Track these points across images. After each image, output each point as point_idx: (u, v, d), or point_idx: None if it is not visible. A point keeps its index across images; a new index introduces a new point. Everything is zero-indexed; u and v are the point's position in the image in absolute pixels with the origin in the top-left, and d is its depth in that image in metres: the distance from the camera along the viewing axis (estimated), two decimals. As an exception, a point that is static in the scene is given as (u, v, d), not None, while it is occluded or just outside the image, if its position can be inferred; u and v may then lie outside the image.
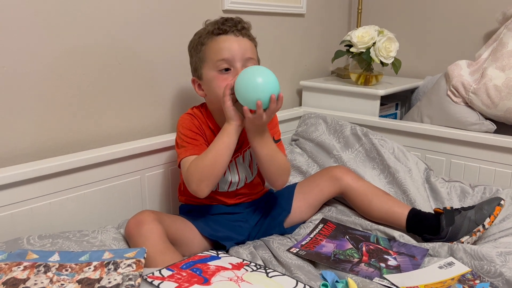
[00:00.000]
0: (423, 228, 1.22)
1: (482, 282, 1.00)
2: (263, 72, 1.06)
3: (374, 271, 1.06)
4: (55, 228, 1.13)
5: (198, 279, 0.86)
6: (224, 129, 1.11)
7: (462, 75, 1.62)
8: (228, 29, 1.15)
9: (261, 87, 1.04)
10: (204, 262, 0.95)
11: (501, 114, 1.56)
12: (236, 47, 1.13)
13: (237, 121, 1.09)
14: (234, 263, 0.96)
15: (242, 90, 1.05)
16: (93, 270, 0.88)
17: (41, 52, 1.15)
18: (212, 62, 1.14)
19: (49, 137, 1.21)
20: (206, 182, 1.08)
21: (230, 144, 1.10)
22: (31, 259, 0.91)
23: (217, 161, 1.09)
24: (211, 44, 1.15)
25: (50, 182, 1.13)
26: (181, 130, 1.18)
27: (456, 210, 1.21)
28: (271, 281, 0.90)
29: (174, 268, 0.91)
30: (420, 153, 1.62)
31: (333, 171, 1.34)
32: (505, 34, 1.61)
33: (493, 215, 1.17)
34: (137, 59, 1.36)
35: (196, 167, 1.09)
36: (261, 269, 0.96)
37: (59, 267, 0.89)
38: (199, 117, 1.21)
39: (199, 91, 1.22)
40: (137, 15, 1.34)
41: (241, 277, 0.89)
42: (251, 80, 1.05)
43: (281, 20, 1.84)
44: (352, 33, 1.77)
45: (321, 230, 1.26)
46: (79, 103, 1.25)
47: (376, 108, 1.76)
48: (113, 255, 0.94)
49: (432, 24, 2.03)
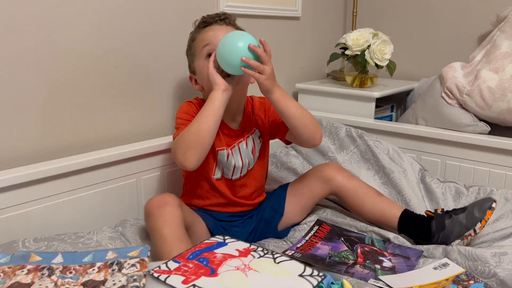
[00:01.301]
0: (414, 233, 1.22)
1: (477, 283, 1.00)
2: (234, 35, 1.08)
3: (369, 272, 1.06)
4: (51, 231, 1.13)
5: (205, 270, 0.86)
6: (209, 97, 1.10)
7: (456, 77, 1.63)
8: (212, 20, 1.19)
9: (239, 46, 1.05)
10: (211, 250, 0.94)
11: (495, 116, 1.57)
12: (220, 33, 1.14)
13: (222, 86, 1.09)
14: (241, 249, 0.95)
15: (225, 57, 1.06)
16: (97, 272, 0.87)
17: (38, 56, 1.16)
18: (200, 52, 1.18)
19: (45, 141, 1.21)
20: (191, 151, 1.05)
21: (216, 110, 1.08)
22: (34, 261, 0.90)
23: (201, 128, 1.06)
24: (198, 37, 1.20)
25: (46, 186, 1.13)
26: (178, 115, 1.20)
27: (447, 213, 1.20)
28: (279, 267, 0.89)
29: (181, 260, 0.90)
30: (415, 154, 1.63)
31: (324, 171, 1.32)
32: (498, 36, 1.63)
33: (484, 219, 1.16)
34: (133, 63, 1.36)
35: (181, 137, 1.08)
36: (269, 254, 0.94)
37: (63, 269, 0.88)
38: (197, 104, 1.23)
39: (196, 86, 1.25)
40: (133, 19, 1.34)
41: (248, 265, 0.88)
42: (227, 46, 1.06)
43: (277, 23, 1.84)
44: (347, 35, 1.78)
45: (316, 232, 1.26)
46: (75, 107, 1.26)
47: (371, 110, 1.76)
48: (117, 254, 0.92)
49: (426, 26, 2.04)
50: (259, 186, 1.32)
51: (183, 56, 1.28)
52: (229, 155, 1.22)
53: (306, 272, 0.87)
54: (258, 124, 1.27)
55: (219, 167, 1.23)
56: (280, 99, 1.11)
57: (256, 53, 1.05)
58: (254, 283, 0.83)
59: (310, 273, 0.87)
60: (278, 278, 0.86)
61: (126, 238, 1.15)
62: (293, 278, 0.86)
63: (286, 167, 1.58)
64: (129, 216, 1.28)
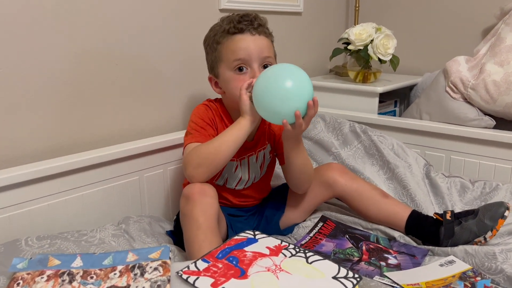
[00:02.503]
0: (422, 237, 1.19)
1: (483, 279, 0.99)
2: (291, 73, 1.00)
3: (375, 269, 1.05)
4: (54, 230, 1.12)
5: (234, 271, 0.83)
6: (237, 122, 1.08)
7: (460, 71, 1.62)
8: (244, 28, 1.12)
9: (293, 94, 0.98)
10: (241, 247, 0.91)
11: (500, 110, 1.55)
12: (252, 46, 1.11)
13: (252, 117, 1.06)
14: (271, 247, 0.91)
15: (267, 106, 0.99)
16: (119, 276, 0.84)
17: (40, 54, 1.15)
18: (229, 62, 1.12)
19: (48, 139, 1.20)
20: (204, 169, 1.05)
21: (239, 138, 1.06)
22: (53, 266, 0.87)
23: (221, 151, 1.05)
24: (227, 43, 1.13)
25: (49, 184, 1.12)
26: (193, 119, 1.17)
27: (457, 219, 1.15)
28: (311, 268, 0.85)
29: (210, 259, 0.87)
30: (420, 150, 1.62)
31: (326, 175, 1.27)
32: (503, 29, 1.61)
33: (496, 229, 1.10)
34: (134, 60, 1.35)
35: (198, 151, 1.06)
36: (301, 252, 0.90)
37: (84, 274, 0.85)
38: (214, 109, 1.20)
39: (216, 89, 1.20)
40: (134, 15, 1.33)
41: (279, 266, 0.85)
42: (278, 88, 0.98)
43: (278, 19, 1.83)
44: (350, 30, 1.76)
45: (321, 229, 1.25)
46: (77, 105, 1.25)
47: (375, 106, 1.75)
48: (137, 256, 0.90)
49: (430, 20, 2.03)
50: (263, 195, 1.31)
51: (185, 53, 1.27)
52: (237, 167, 1.20)
53: (341, 274, 0.83)
54: (271, 139, 1.25)
55: (223, 177, 1.21)
56: (295, 149, 1.13)
57: (309, 110, 1.01)
58: (285, 287, 0.80)
59: (344, 275, 0.82)
60: (310, 280, 0.82)
61: (130, 235, 1.14)
62: (327, 280, 0.81)
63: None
64: (132, 213, 1.28)
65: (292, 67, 1.03)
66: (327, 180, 1.26)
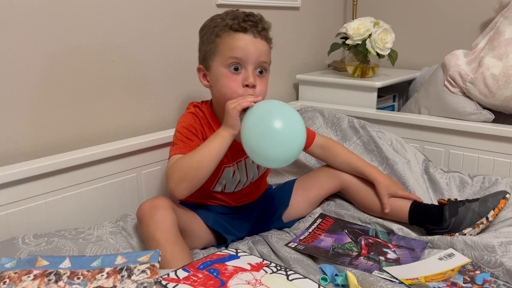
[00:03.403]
0: (426, 220, 1.20)
1: (483, 273, 0.99)
2: (285, 122, 0.96)
3: (374, 264, 1.05)
4: (52, 227, 1.12)
5: (214, 281, 0.83)
6: (218, 134, 1.04)
7: (459, 65, 1.61)
8: (248, 28, 1.09)
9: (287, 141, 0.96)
10: (222, 262, 0.91)
11: (499, 103, 1.55)
12: (252, 48, 1.08)
13: (236, 131, 1.03)
14: (253, 263, 0.92)
15: (260, 151, 0.96)
16: (106, 278, 0.84)
17: (35, 51, 1.14)
18: (224, 57, 1.09)
19: (44, 136, 1.20)
20: (186, 184, 1.03)
21: (221, 151, 1.03)
22: (41, 266, 0.87)
23: (202, 165, 1.02)
24: (227, 38, 1.09)
25: (46, 182, 1.12)
26: (178, 128, 1.15)
27: (461, 201, 1.19)
28: (291, 285, 0.85)
29: (190, 269, 0.88)
30: (418, 144, 1.61)
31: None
32: (501, 22, 1.60)
33: (498, 208, 1.15)
34: (131, 56, 1.35)
35: (179, 165, 1.04)
36: (282, 270, 0.91)
37: (71, 274, 0.85)
38: (201, 117, 1.17)
39: (204, 81, 1.17)
40: (130, 11, 1.32)
41: (260, 280, 0.85)
42: (273, 145, 0.95)
43: (276, 14, 1.82)
44: (348, 25, 1.76)
45: (320, 225, 1.25)
46: (74, 102, 1.24)
47: (373, 101, 1.74)
48: (126, 259, 0.90)
49: (428, 14, 2.02)
50: (260, 192, 1.31)
51: (183, 50, 1.25)
52: (235, 171, 1.19)
53: None
54: None
55: (221, 183, 1.19)
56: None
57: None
58: None
59: None
60: None
61: (128, 232, 1.14)
62: None
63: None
64: (130, 211, 1.27)
65: (285, 111, 0.99)
66: (334, 170, 1.30)
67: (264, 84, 1.12)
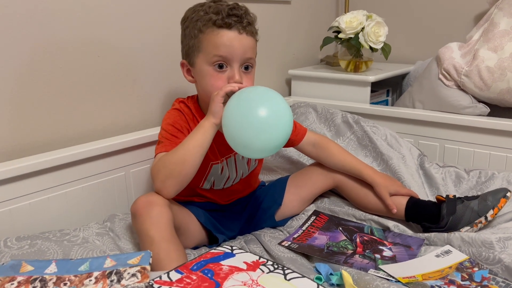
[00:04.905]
0: (422, 217, 1.17)
1: (481, 270, 0.97)
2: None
3: (369, 262, 1.02)
4: (37, 229, 1.08)
5: (209, 283, 0.79)
6: (200, 125, 1.01)
7: (453, 57, 1.59)
8: (233, 24, 1.04)
9: (271, 127, 0.91)
10: (217, 261, 0.88)
11: (494, 96, 1.53)
12: (237, 46, 1.04)
13: (218, 120, 0.99)
14: (249, 262, 0.89)
15: (245, 140, 0.91)
16: (95, 283, 0.80)
17: (16, 46, 1.10)
18: (209, 55, 1.05)
19: (27, 135, 1.15)
20: (172, 181, 0.99)
21: (205, 143, 1.00)
22: (25, 272, 0.83)
23: (187, 159, 0.98)
24: (211, 35, 1.05)
25: (30, 182, 1.08)
26: (163, 126, 1.11)
27: (459, 199, 1.16)
28: (289, 285, 0.82)
29: (184, 270, 0.84)
30: (413, 139, 1.59)
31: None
32: (496, 14, 1.58)
33: (497, 207, 1.11)
34: (116, 51, 1.30)
35: (164, 163, 1.00)
36: (279, 269, 0.87)
37: (57, 280, 0.81)
38: (186, 113, 1.14)
39: (188, 77, 1.14)
40: (115, 5, 1.28)
41: (256, 281, 0.81)
42: (255, 134, 0.91)
43: (267, 8, 1.79)
44: (340, 18, 1.73)
45: (314, 222, 1.22)
46: (57, 99, 1.20)
47: (367, 95, 1.72)
48: (116, 262, 0.86)
49: (421, 7, 1.99)
50: (251, 189, 1.28)
51: (170, 45, 1.22)
52: (223, 168, 1.16)
53: None
54: None
55: (209, 180, 1.16)
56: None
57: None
58: None
59: None
60: None
61: (115, 233, 1.10)
62: None
63: (281, 155, 1.54)
64: (118, 211, 1.24)
65: (271, 97, 0.95)
66: (328, 167, 1.27)
67: (250, 80, 1.09)
